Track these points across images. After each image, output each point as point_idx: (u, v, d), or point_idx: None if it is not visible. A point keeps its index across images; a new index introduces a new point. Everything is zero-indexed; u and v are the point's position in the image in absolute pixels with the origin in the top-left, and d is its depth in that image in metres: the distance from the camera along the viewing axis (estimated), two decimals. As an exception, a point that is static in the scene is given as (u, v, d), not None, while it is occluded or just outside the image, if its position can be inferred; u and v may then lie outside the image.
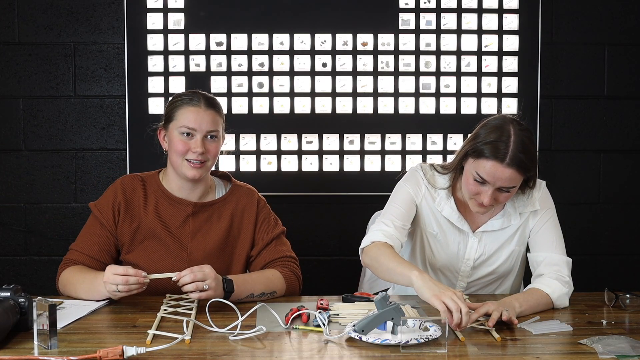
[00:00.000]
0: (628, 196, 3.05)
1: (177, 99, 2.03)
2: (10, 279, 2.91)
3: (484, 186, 1.87)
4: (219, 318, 1.68)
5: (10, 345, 1.51)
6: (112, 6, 2.89)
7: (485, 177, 1.85)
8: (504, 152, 1.82)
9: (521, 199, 2.02)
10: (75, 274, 1.94)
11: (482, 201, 1.88)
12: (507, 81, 2.93)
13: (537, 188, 2.03)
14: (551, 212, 2.05)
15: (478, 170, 1.86)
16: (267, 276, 1.98)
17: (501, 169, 1.83)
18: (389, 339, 1.52)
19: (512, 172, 1.83)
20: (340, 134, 2.91)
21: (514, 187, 1.88)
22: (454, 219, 2.02)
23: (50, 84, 2.91)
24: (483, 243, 2.03)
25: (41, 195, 2.94)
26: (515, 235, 2.04)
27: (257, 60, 2.89)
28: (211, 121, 1.97)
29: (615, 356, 1.45)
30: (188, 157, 1.96)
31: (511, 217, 2.02)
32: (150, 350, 1.45)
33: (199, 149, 1.95)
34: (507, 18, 2.92)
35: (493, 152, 1.83)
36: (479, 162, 1.86)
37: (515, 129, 1.86)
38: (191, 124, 1.96)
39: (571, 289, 1.91)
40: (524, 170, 1.85)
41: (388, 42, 2.90)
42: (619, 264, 3.06)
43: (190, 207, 2.04)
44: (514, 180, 1.85)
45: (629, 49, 2.99)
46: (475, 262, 2.05)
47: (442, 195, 2.03)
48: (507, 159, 1.82)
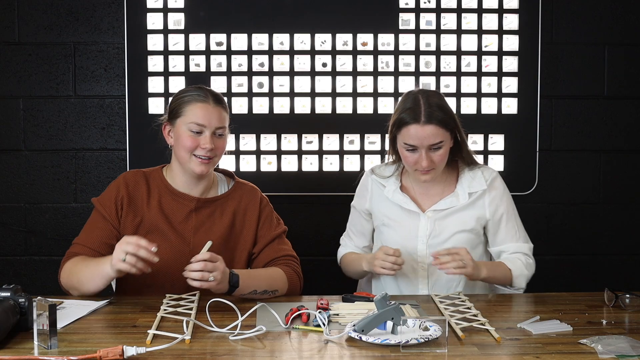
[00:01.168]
0: (628, 196, 3.05)
1: (184, 94, 2.02)
2: (10, 279, 2.90)
3: (416, 152, 2.05)
4: (218, 318, 1.68)
5: (10, 345, 1.51)
6: (112, 6, 2.89)
7: (412, 142, 2.03)
8: (418, 113, 2.02)
9: (468, 176, 2.17)
10: (79, 262, 1.94)
11: (421, 166, 2.05)
12: (507, 81, 2.93)
13: (486, 170, 2.18)
14: (507, 200, 2.18)
15: (405, 140, 2.05)
16: (271, 274, 1.98)
17: (421, 128, 2.02)
18: (389, 339, 1.52)
19: (432, 128, 2.01)
20: (340, 134, 2.91)
21: (441, 142, 2.04)
22: (399, 200, 2.17)
23: (50, 84, 2.91)
24: (433, 220, 2.15)
25: (41, 195, 2.94)
26: (468, 216, 2.15)
27: (257, 60, 2.89)
28: (220, 117, 1.99)
29: (615, 356, 1.45)
30: (196, 153, 1.97)
31: (459, 197, 2.16)
32: (150, 350, 1.45)
33: (209, 145, 1.95)
34: (507, 18, 2.92)
35: (410, 117, 2.03)
36: (403, 133, 2.05)
37: (423, 94, 2.07)
38: (200, 120, 1.96)
39: (532, 272, 2.13)
40: (442, 124, 2.02)
41: (388, 42, 2.90)
42: (619, 264, 3.06)
43: (193, 202, 2.04)
44: (438, 135, 2.03)
45: (629, 49, 2.99)
46: (428, 240, 2.14)
47: (391, 182, 2.21)
48: (423, 117, 2.01)
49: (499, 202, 2.16)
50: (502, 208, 2.16)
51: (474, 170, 2.18)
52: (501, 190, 2.18)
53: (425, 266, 2.14)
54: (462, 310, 1.80)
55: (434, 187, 2.19)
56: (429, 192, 2.19)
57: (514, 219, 2.18)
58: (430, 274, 2.15)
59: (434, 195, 2.18)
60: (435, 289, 2.14)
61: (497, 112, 2.93)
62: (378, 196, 2.23)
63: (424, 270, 2.15)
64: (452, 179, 2.19)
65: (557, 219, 3.03)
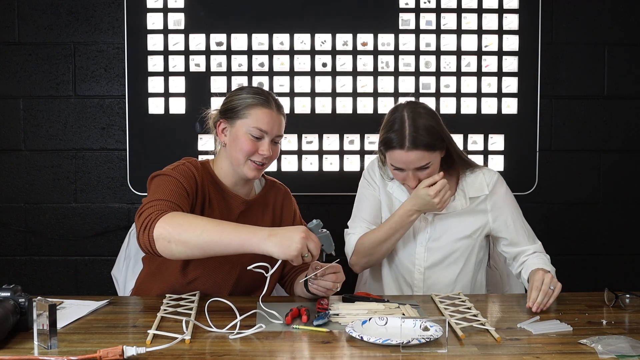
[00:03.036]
0: (628, 196, 3.05)
1: (249, 96, 1.94)
2: (10, 279, 2.90)
3: (403, 172, 2.02)
4: (218, 318, 1.68)
5: (10, 345, 1.51)
6: (112, 6, 2.89)
7: (399, 165, 2.01)
8: (403, 138, 1.97)
9: (469, 180, 2.13)
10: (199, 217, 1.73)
11: (409, 185, 2.03)
12: (507, 81, 2.93)
13: (487, 173, 2.15)
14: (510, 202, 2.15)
15: (391, 162, 2.03)
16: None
17: (406, 154, 1.98)
18: (390, 339, 1.52)
19: (417, 153, 1.98)
20: (340, 134, 2.91)
21: (428, 163, 2.01)
22: (402, 198, 2.13)
23: (50, 84, 2.91)
24: (433, 225, 2.13)
25: (41, 195, 2.94)
26: (469, 222, 2.12)
27: (257, 60, 2.89)
28: (280, 125, 1.96)
29: (615, 356, 1.45)
30: (253, 158, 1.93)
31: (460, 201, 2.13)
32: (150, 350, 1.45)
33: (266, 153, 1.91)
34: (507, 18, 2.92)
35: (395, 142, 1.98)
36: (389, 155, 2.02)
37: (408, 112, 2.00)
38: (264, 126, 1.91)
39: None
40: (427, 147, 1.98)
41: (388, 42, 2.90)
42: (619, 264, 3.06)
43: (243, 204, 2.01)
44: (424, 158, 1.99)
45: (629, 49, 2.99)
46: (427, 243, 2.12)
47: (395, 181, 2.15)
48: (407, 144, 1.97)
49: (502, 206, 2.13)
50: (507, 211, 2.13)
51: (475, 172, 2.15)
52: (503, 194, 2.15)
53: (422, 269, 2.13)
54: (462, 310, 1.80)
55: None
56: None
57: (520, 220, 2.15)
58: (426, 277, 2.14)
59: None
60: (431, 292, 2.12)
61: (497, 112, 2.93)
62: (382, 189, 2.19)
63: (421, 273, 2.14)
64: (452, 181, 2.16)
65: (557, 219, 3.03)
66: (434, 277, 2.13)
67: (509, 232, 2.12)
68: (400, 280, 2.17)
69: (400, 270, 2.17)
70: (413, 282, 2.15)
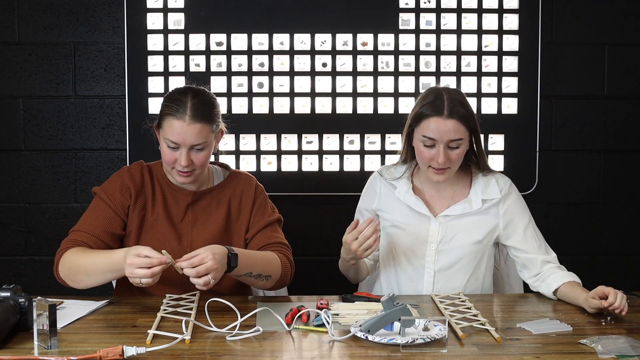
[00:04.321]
0: (628, 196, 3.05)
1: (165, 104, 1.95)
2: (10, 279, 2.90)
3: (434, 148, 2.00)
4: (218, 318, 1.68)
5: (10, 345, 1.51)
6: (112, 6, 2.89)
7: (432, 135, 1.98)
8: (441, 107, 1.98)
9: (481, 182, 2.11)
10: (83, 252, 1.88)
11: (437, 163, 1.99)
12: (507, 81, 2.93)
13: (500, 178, 2.13)
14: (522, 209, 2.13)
15: (424, 133, 2.00)
16: (268, 258, 1.96)
17: (443, 122, 1.97)
18: (396, 338, 1.51)
19: (454, 123, 1.98)
20: (340, 134, 2.91)
21: (461, 139, 2.00)
22: (411, 202, 2.11)
23: (50, 84, 2.91)
24: (445, 226, 2.10)
25: (41, 195, 2.94)
26: (480, 225, 2.09)
27: (257, 60, 2.89)
28: (196, 134, 1.89)
29: (615, 356, 1.45)
30: (176, 167, 1.94)
31: (472, 203, 2.10)
32: (150, 350, 1.45)
33: (184, 163, 1.91)
34: (507, 18, 2.92)
35: (432, 110, 1.99)
36: (423, 125, 2.00)
37: (446, 90, 2.04)
38: (174, 138, 1.90)
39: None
40: (464, 120, 1.99)
41: (388, 42, 2.90)
42: (619, 264, 3.06)
43: (190, 196, 2.03)
44: (459, 131, 1.98)
45: (629, 49, 2.99)
46: (438, 246, 2.09)
47: (402, 183, 2.15)
48: (446, 111, 1.98)
49: (514, 213, 2.10)
50: (518, 218, 2.10)
51: (488, 176, 2.13)
52: (515, 201, 2.12)
53: (432, 272, 2.10)
54: (462, 310, 1.80)
55: (446, 190, 2.13)
56: (440, 195, 2.13)
57: (532, 229, 2.11)
58: (436, 281, 2.10)
59: (446, 199, 2.12)
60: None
61: (497, 112, 2.93)
62: (388, 198, 2.16)
63: (431, 276, 2.10)
64: (465, 183, 2.14)
65: (557, 219, 3.03)
66: (443, 281, 2.10)
67: (518, 238, 2.09)
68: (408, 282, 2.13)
69: (409, 273, 2.13)
70: (423, 285, 2.11)
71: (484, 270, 2.14)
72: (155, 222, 2.02)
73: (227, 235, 2.05)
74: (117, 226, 1.98)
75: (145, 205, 2.02)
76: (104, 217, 1.97)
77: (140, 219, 2.01)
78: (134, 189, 2.01)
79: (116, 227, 1.98)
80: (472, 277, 2.12)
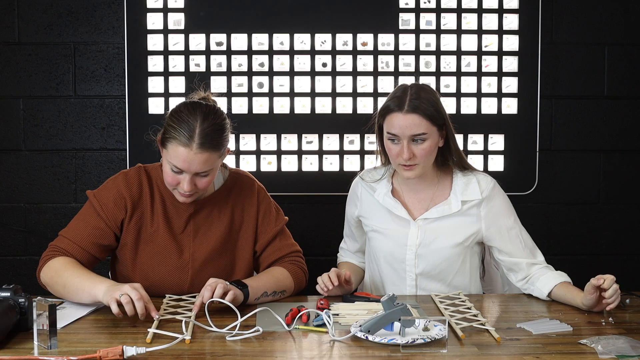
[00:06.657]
0: (628, 196, 3.05)
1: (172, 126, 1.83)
2: (10, 279, 2.90)
3: (399, 143, 1.98)
4: (218, 318, 1.68)
5: (10, 345, 1.51)
6: (112, 6, 2.89)
7: (394, 131, 1.98)
8: (403, 102, 1.98)
9: (461, 182, 2.08)
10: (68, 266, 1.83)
11: (402, 159, 1.97)
12: (507, 81, 2.93)
13: (482, 179, 2.09)
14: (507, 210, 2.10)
15: (388, 129, 2.00)
16: (277, 276, 1.96)
17: (403, 116, 1.97)
18: (396, 338, 1.52)
19: (415, 117, 1.96)
20: (340, 134, 2.91)
21: (424, 134, 1.97)
22: (390, 205, 2.10)
23: (50, 84, 2.91)
24: (424, 230, 2.07)
25: (41, 195, 2.94)
26: (460, 228, 2.06)
27: (257, 60, 2.89)
28: (202, 163, 1.81)
29: (615, 356, 1.45)
30: (178, 189, 1.88)
31: (452, 205, 2.07)
32: (150, 350, 1.45)
33: (186, 188, 1.83)
34: (507, 18, 2.92)
35: (395, 105, 1.99)
36: (387, 121, 2.01)
37: (414, 86, 2.03)
38: (179, 165, 1.81)
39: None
40: (426, 115, 1.96)
41: (388, 42, 2.90)
42: (619, 264, 3.06)
43: (191, 205, 1.96)
44: (421, 125, 1.96)
45: (629, 49, 2.99)
46: (417, 249, 2.07)
47: (382, 185, 2.14)
48: (406, 106, 1.97)
49: (497, 214, 2.07)
50: (502, 220, 2.06)
51: (468, 176, 2.09)
52: (499, 202, 2.08)
53: (414, 275, 2.09)
54: (462, 310, 1.80)
55: (425, 192, 2.11)
56: (419, 197, 2.11)
57: (517, 229, 2.07)
58: (418, 284, 2.09)
59: (425, 200, 2.10)
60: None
61: (497, 112, 2.93)
62: (368, 202, 2.16)
63: (412, 280, 2.09)
64: (445, 184, 2.11)
65: (557, 219, 3.03)
66: (426, 284, 2.09)
67: (502, 241, 2.06)
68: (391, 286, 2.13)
69: (391, 277, 2.13)
70: (406, 288, 2.10)
71: (468, 270, 2.11)
72: (155, 233, 1.95)
73: (230, 245, 2.01)
74: (106, 238, 1.92)
75: (142, 216, 1.95)
76: (93, 228, 1.91)
77: (137, 231, 1.94)
78: (130, 200, 1.93)
79: (105, 239, 1.92)
80: (456, 278, 2.10)
